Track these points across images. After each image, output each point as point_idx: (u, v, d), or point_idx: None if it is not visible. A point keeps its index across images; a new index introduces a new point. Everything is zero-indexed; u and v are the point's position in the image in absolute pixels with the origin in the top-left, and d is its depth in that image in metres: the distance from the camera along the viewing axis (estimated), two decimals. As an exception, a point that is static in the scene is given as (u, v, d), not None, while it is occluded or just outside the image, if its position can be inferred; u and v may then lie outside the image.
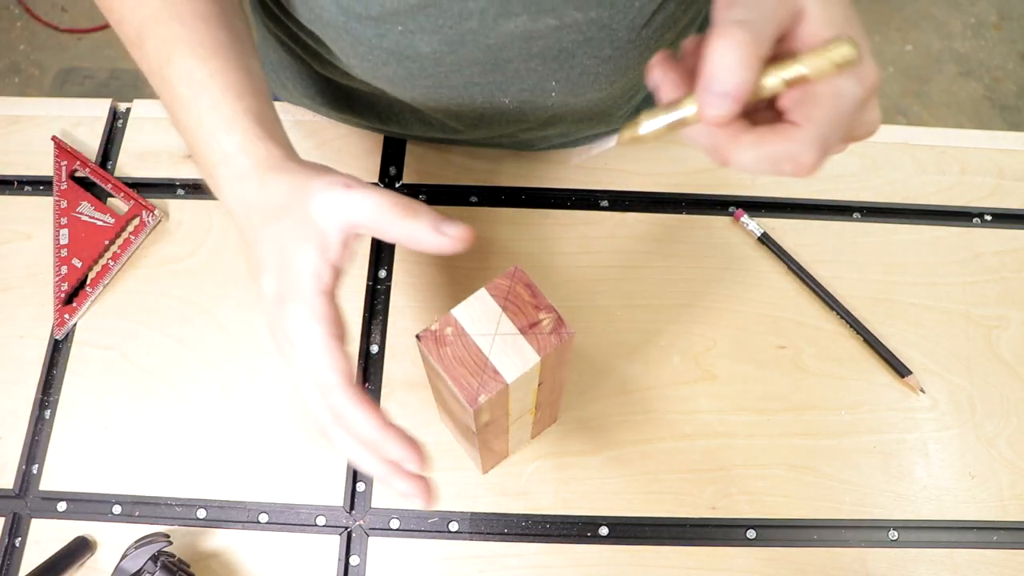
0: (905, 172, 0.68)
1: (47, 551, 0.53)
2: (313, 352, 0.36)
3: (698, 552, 0.55)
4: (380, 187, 0.36)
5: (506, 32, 0.46)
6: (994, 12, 1.88)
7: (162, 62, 0.41)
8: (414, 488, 0.38)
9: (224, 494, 0.56)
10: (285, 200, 0.38)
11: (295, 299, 0.36)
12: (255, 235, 0.39)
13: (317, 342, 0.36)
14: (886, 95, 1.78)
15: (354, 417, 0.36)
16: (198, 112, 0.41)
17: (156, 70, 0.42)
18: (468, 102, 0.54)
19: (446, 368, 0.39)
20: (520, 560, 0.55)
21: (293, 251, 0.37)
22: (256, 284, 0.39)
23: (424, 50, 0.47)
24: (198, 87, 0.40)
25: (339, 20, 0.47)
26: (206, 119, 0.40)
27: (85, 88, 1.73)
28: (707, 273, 0.63)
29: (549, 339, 0.39)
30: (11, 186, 0.66)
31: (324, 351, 0.36)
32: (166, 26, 0.41)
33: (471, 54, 0.48)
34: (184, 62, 0.41)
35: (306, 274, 0.36)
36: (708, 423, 0.58)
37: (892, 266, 0.64)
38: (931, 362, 0.61)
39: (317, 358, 0.36)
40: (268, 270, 0.38)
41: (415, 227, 0.36)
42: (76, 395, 0.59)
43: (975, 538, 0.56)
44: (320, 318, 0.36)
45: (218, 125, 0.40)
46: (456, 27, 0.45)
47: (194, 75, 0.41)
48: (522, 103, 0.54)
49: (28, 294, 0.62)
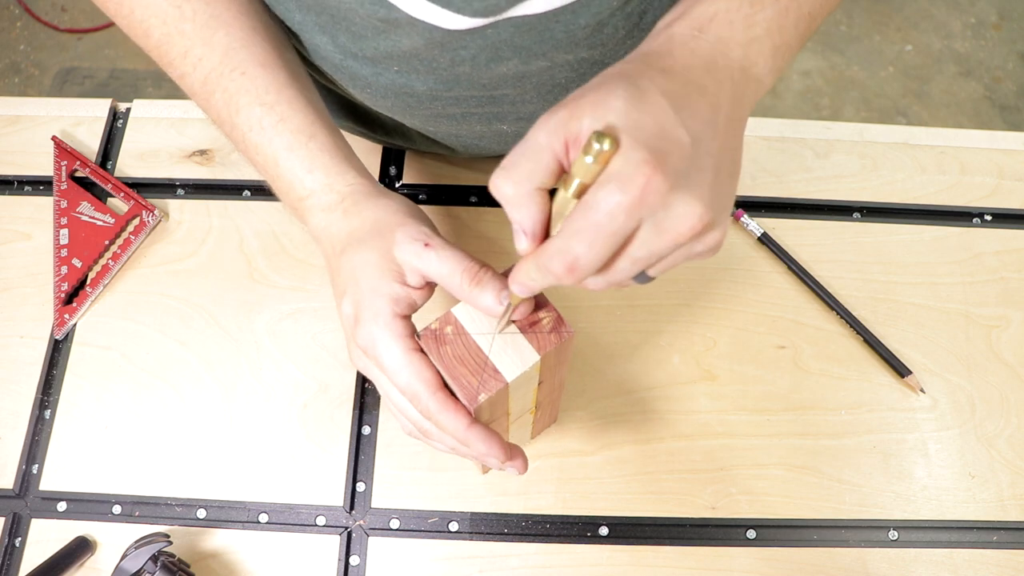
0: (905, 172, 0.68)
1: (47, 551, 0.53)
2: (398, 368, 0.39)
3: (698, 552, 0.55)
4: (456, 249, 0.40)
5: (499, 73, 0.47)
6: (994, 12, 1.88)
7: (231, 112, 0.44)
8: (507, 468, 0.41)
9: (224, 494, 0.56)
10: (368, 235, 0.41)
11: (376, 321, 0.39)
12: (337, 261, 0.42)
13: (400, 358, 0.39)
14: (886, 95, 1.78)
15: (443, 420, 0.39)
16: (274, 156, 0.43)
17: (226, 119, 0.44)
18: (467, 130, 0.55)
19: (446, 367, 0.39)
20: (520, 560, 0.55)
21: (373, 279, 0.40)
22: (337, 304, 0.42)
23: (420, 88, 0.49)
24: (270, 132, 0.43)
25: (336, 58, 0.49)
26: (284, 162, 0.43)
27: (85, 88, 1.73)
28: (707, 273, 0.63)
29: (549, 338, 0.39)
30: (11, 186, 0.66)
31: (407, 365, 0.39)
32: (229, 79, 0.43)
33: (466, 91, 0.49)
34: (252, 111, 0.43)
35: (385, 299, 0.40)
36: (708, 423, 0.58)
37: (892, 266, 0.64)
38: (931, 362, 0.61)
39: (403, 372, 0.39)
40: (347, 294, 0.41)
41: (480, 295, 0.38)
42: (76, 395, 0.59)
43: (975, 538, 0.56)
44: (399, 336, 0.39)
45: (298, 166, 0.43)
46: (450, 69, 0.46)
47: (263, 122, 0.43)
48: (520, 128, 0.54)
49: (28, 294, 0.62)
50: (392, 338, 0.39)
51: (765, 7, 0.36)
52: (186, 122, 0.69)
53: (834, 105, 1.77)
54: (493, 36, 0.43)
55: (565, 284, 0.32)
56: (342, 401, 0.58)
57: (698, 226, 0.31)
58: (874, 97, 1.78)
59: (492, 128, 0.55)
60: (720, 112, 0.33)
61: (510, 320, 0.39)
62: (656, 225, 0.31)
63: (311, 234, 0.44)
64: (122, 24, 0.46)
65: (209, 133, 0.68)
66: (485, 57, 0.45)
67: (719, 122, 0.33)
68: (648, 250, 0.31)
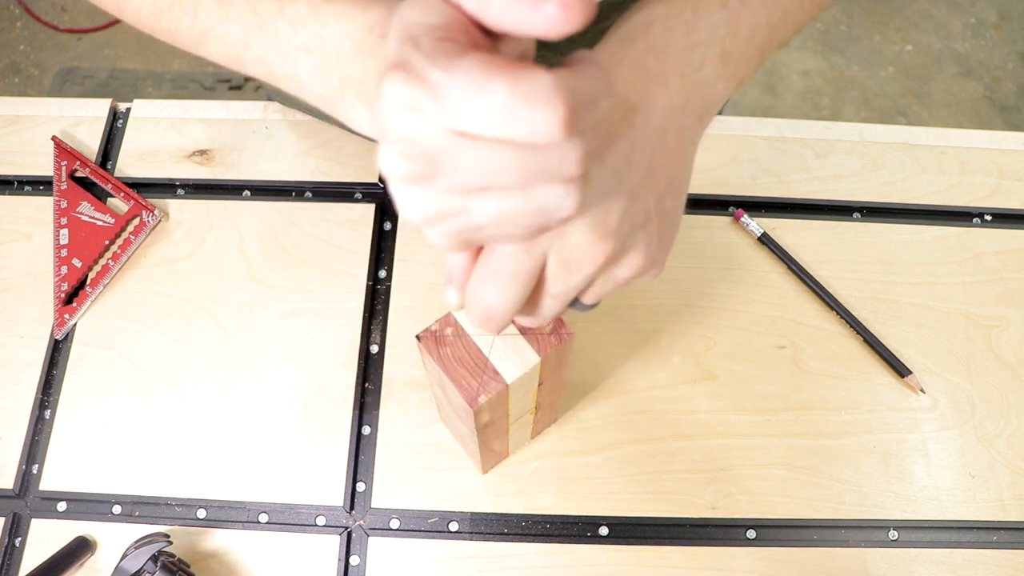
0: (905, 172, 0.68)
1: (47, 551, 0.53)
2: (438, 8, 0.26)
3: (698, 552, 0.55)
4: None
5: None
6: (994, 12, 1.88)
7: (252, 6, 0.35)
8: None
9: (224, 494, 0.56)
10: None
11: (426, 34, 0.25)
12: (380, 55, 0.32)
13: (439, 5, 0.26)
14: (886, 95, 1.78)
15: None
16: (324, 22, 0.34)
17: (249, 25, 0.36)
18: None
19: (446, 368, 0.39)
20: (520, 560, 0.55)
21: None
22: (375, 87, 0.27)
23: None
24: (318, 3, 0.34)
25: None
26: (332, 23, 0.34)
27: (85, 88, 1.73)
28: (707, 273, 0.63)
29: (549, 340, 0.39)
30: (11, 186, 0.66)
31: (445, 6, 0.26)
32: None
33: None
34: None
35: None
36: (708, 423, 0.58)
37: (892, 266, 0.64)
38: (931, 362, 0.61)
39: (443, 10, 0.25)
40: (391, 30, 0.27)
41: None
42: (76, 395, 0.59)
43: (975, 538, 0.56)
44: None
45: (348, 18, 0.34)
46: None
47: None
48: None
49: (28, 294, 0.62)
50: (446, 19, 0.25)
51: (711, 13, 0.34)
52: (186, 122, 0.69)
53: (834, 105, 1.77)
54: None
55: (491, 331, 0.31)
56: (342, 401, 0.58)
57: (600, 257, 0.29)
58: (874, 97, 1.78)
59: None
60: (647, 125, 0.31)
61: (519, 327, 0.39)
62: (560, 260, 0.29)
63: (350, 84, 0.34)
64: (124, 12, 0.41)
65: (209, 133, 0.68)
66: None
67: (641, 137, 0.31)
68: (564, 285, 0.30)
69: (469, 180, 0.25)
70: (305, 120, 0.68)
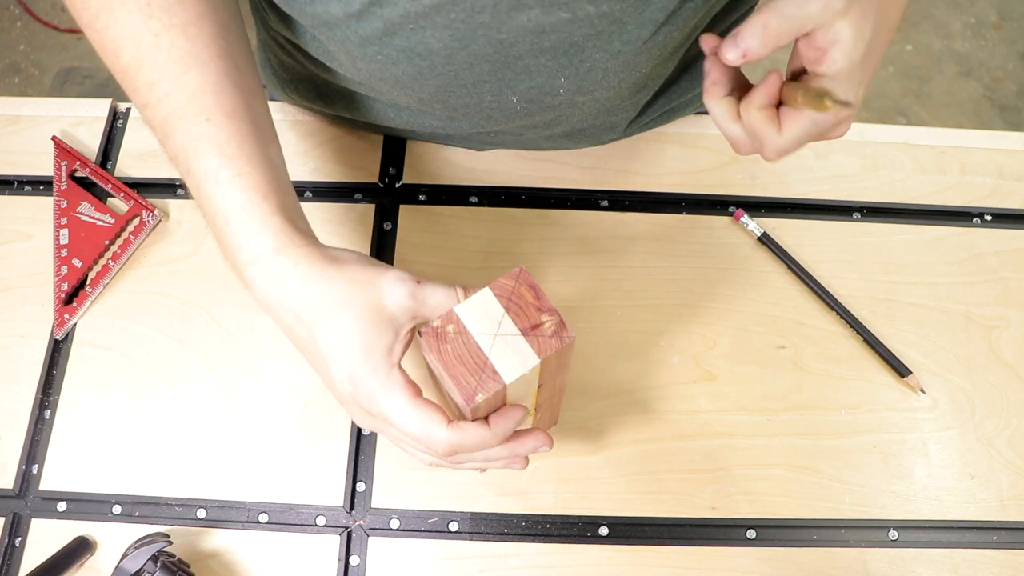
0: (905, 172, 0.68)
1: (47, 551, 0.53)
2: (409, 418, 0.40)
3: (698, 552, 0.55)
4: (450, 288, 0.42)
5: (518, 25, 0.46)
6: (994, 12, 1.88)
7: (189, 156, 0.42)
8: (543, 449, 0.44)
9: (224, 494, 0.56)
10: (346, 295, 0.41)
11: (376, 378, 0.40)
12: (312, 331, 0.41)
13: (409, 410, 0.40)
14: (886, 95, 1.78)
15: (470, 441, 0.40)
16: (225, 211, 0.42)
17: (183, 162, 0.43)
18: (476, 101, 0.54)
19: (445, 365, 0.39)
20: (520, 560, 0.55)
21: (367, 337, 0.40)
22: (323, 373, 0.43)
23: (435, 46, 0.47)
24: (224, 186, 0.41)
25: (344, 24, 0.47)
26: (234, 219, 0.41)
27: (85, 88, 1.73)
28: (707, 273, 0.63)
29: (550, 342, 0.39)
30: (11, 186, 0.66)
31: (416, 413, 0.40)
32: (192, 122, 0.42)
33: (482, 49, 0.48)
34: (210, 161, 0.42)
35: (382, 353, 0.40)
36: (708, 423, 0.58)
37: (892, 266, 0.64)
38: (931, 362, 0.61)
39: (413, 421, 0.40)
40: (335, 361, 0.41)
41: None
42: (76, 395, 0.59)
43: (975, 538, 0.56)
44: (402, 386, 0.40)
45: (248, 226, 0.41)
46: (468, 21, 0.45)
47: (220, 174, 0.41)
48: (529, 102, 0.54)
49: (28, 294, 0.62)
50: (396, 390, 0.40)
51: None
52: (186, 122, 0.69)
53: (834, 105, 1.77)
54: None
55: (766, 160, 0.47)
56: (342, 401, 0.58)
57: (854, 111, 0.42)
58: (874, 97, 1.78)
59: (502, 101, 0.54)
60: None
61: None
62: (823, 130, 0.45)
63: (256, 301, 0.43)
64: (93, 39, 0.45)
65: (209, 133, 0.68)
66: (507, 4, 0.44)
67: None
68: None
69: (400, 441, 0.44)
70: (305, 120, 0.68)
